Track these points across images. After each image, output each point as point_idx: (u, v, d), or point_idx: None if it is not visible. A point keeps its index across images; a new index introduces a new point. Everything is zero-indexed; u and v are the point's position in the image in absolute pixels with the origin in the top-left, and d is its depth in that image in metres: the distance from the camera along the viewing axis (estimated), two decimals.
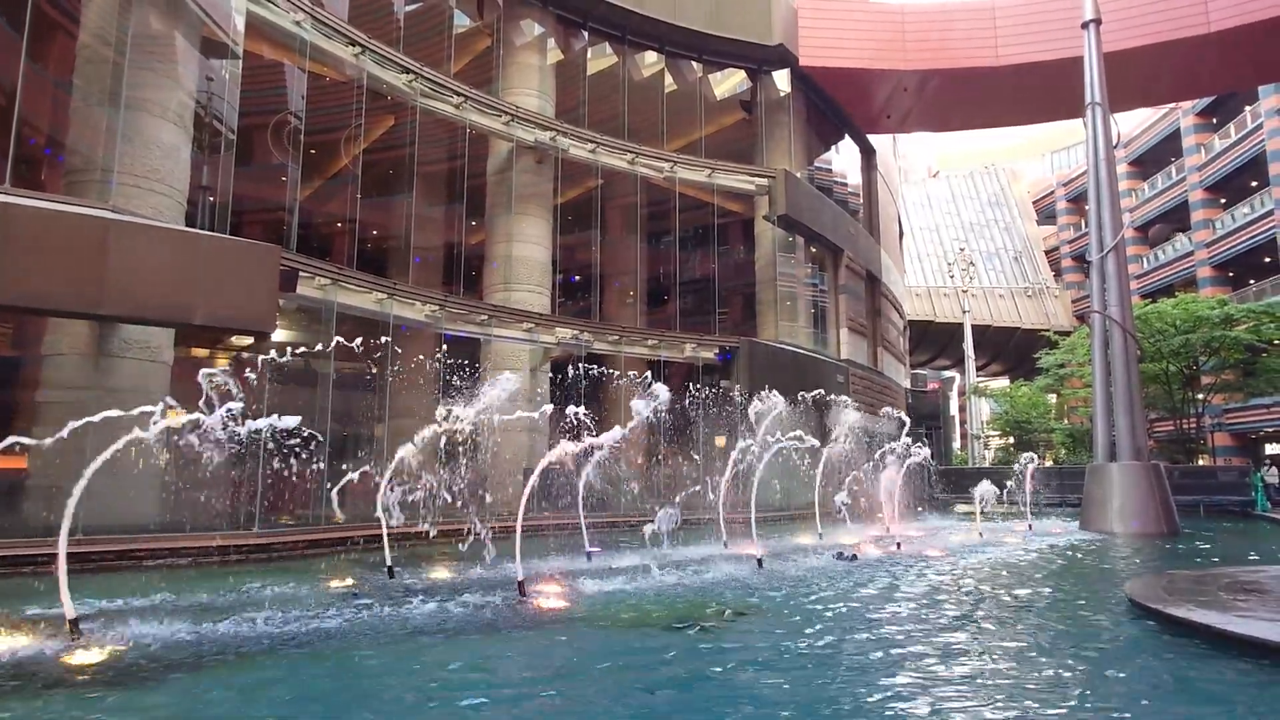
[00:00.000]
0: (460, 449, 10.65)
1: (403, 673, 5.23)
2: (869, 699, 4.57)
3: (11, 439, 5.66)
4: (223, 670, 5.17)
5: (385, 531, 9.86)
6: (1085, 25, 19.37)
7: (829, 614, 7.23)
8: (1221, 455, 36.91)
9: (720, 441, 19.41)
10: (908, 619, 6.91)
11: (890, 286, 33.53)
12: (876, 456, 16.32)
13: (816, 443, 13.31)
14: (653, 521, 10.26)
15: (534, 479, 8.60)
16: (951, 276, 52.67)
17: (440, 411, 9.13)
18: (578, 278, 28.70)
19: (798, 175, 25.07)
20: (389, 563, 9.59)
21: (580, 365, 18.63)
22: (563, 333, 20.24)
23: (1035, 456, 23.23)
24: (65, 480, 5.88)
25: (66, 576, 5.70)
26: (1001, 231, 62.35)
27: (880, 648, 5.81)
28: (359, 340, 11.61)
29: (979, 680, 4.93)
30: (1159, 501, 16.37)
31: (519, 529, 8.31)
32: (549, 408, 10.06)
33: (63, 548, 5.66)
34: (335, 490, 10.23)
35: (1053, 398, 43.93)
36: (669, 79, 24.12)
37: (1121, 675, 5.22)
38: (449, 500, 9.65)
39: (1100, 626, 6.82)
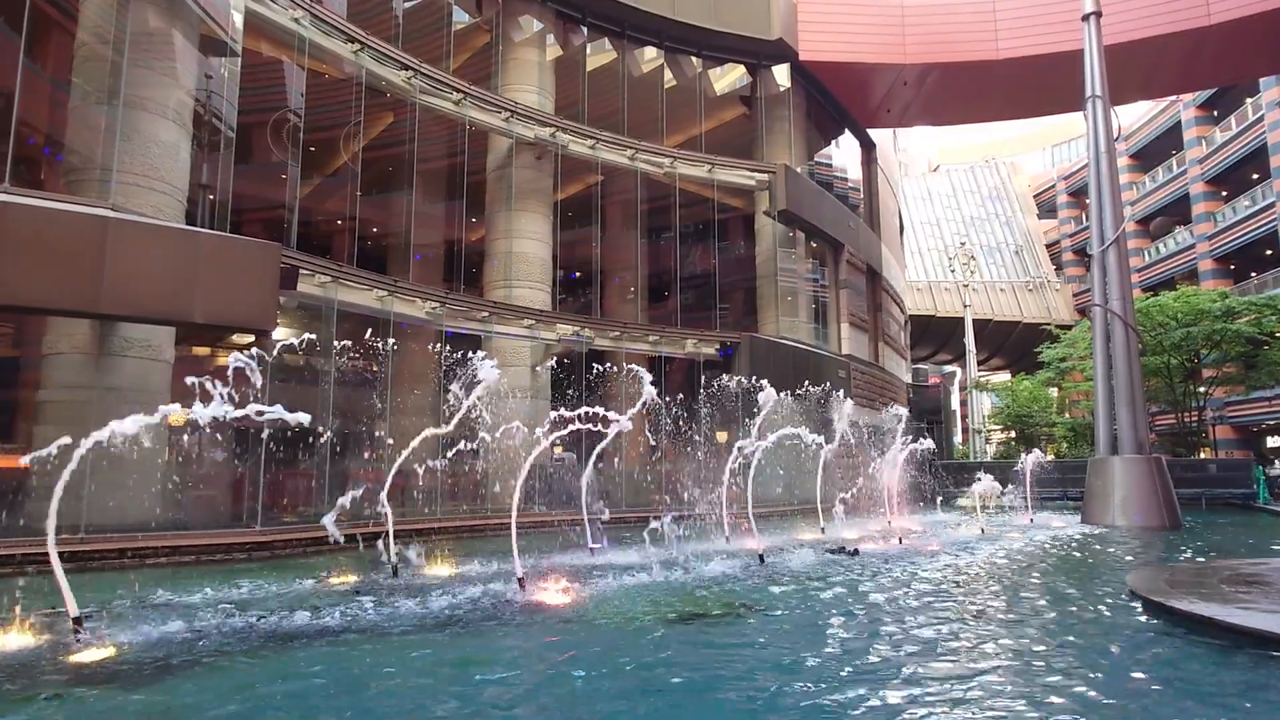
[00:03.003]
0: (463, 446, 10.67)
1: (399, 670, 5.24)
2: (870, 693, 4.57)
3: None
4: (226, 669, 5.18)
5: (390, 529, 9.90)
6: (1085, 18, 19.29)
7: (830, 610, 7.24)
8: (1223, 448, 36.88)
9: (722, 437, 19.40)
10: (909, 613, 6.91)
11: (891, 281, 33.49)
12: (879, 453, 16.32)
13: (820, 439, 13.30)
14: (656, 518, 10.27)
15: (522, 475, 8.61)
16: (952, 271, 52.57)
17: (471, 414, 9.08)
18: (578, 274, 28.66)
19: (798, 170, 25.05)
20: (392, 560, 9.61)
21: (577, 361, 18.60)
22: (564, 329, 20.23)
23: (1039, 451, 23.19)
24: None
25: (65, 576, 5.70)
26: (1002, 225, 62.26)
27: (882, 642, 5.82)
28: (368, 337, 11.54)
29: (981, 673, 4.93)
30: (1161, 494, 16.35)
31: (514, 525, 8.31)
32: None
33: (52, 545, 5.67)
34: (330, 515, 10.04)
35: (1054, 391, 43.89)
36: (668, 74, 24.05)
37: (1123, 667, 5.23)
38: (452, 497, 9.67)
39: (1102, 619, 6.82)
